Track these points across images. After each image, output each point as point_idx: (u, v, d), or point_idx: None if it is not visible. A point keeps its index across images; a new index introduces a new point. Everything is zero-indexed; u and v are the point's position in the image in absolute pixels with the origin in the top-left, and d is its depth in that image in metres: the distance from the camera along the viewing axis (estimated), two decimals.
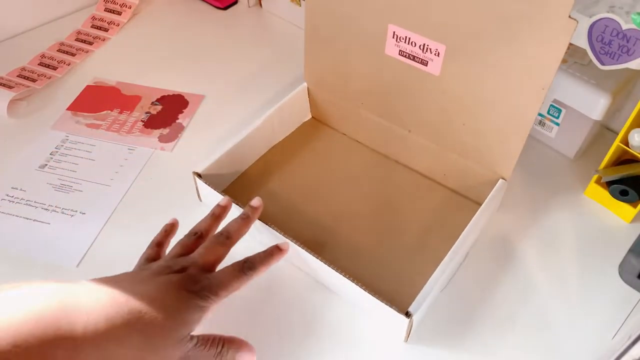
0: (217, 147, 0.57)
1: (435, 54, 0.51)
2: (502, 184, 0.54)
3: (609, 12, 0.49)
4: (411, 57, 0.53)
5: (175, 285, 0.39)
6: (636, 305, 0.50)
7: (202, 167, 0.55)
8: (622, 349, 0.38)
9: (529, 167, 0.62)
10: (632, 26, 0.48)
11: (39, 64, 0.74)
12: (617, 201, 0.57)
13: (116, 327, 0.34)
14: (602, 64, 0.52)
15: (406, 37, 0.52)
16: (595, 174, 0.58)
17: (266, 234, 0.51)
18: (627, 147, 0.55)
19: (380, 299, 0.45)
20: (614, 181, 0.56)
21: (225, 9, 0.87)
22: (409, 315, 0.44)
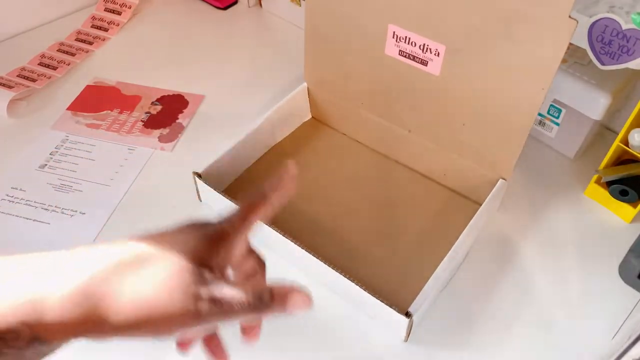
0: (217, 147, 0.57)
1: (435, 54, 0.51)
2: (502, 184, 0.54)
3: (609, 12, 0.49)
4: (411, 57, 0.53)
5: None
6: (636, 305, 0.50)
7: (202, 167, 0.55)
8: (622, 349, 0.38)
9: (529, 167, 0.62)
10: (632, 26, 0.48)
11: (39, 64, 0.74)
12: (617, 201, 0.57)
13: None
14: (602, 64, 0.52)
15: (406, 37, 0.52)
16: (595, 174, 0.58)
17: (266, 234, 0.51)
18: (627, 147, 0.55)
19: (380, 299, 0.45)
20: (614, 181, 0.56)
21: (225, 9, 0.87)
22: (409, 315, 0.44)
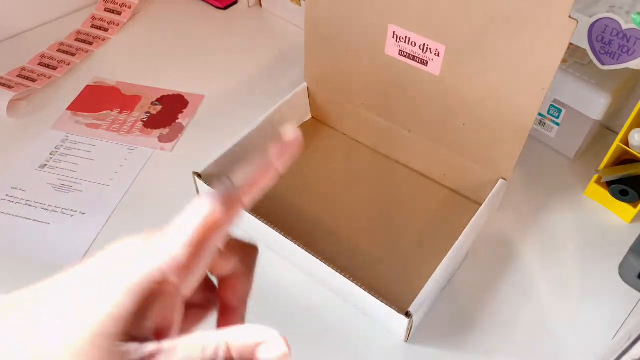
0: (217, 147, 0.57)
1: (435, 54, 0.51)
2: (502, 184, 0.54)
3: (609, 12, 0.49)
4: (411, 57, 0.53)
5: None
6: (636, 305, 0.50)
7: (202, 167, 0.55)
8: (622, 349, 0.38)
9: (529, 167, 0.62)
10: (632, 26, 0.48)
11: (39, 64, 0.74)
12: (617, 201, 0.57)
13: None
14: (602, 63, 0.52)
15: (406, 37, 0.52)
16: (595, 174, 0.58)
17: (266, 234, 0.51)
18: (627, 147, 0.55)
19: (380, 299, 0.45)
20: (614, 181, 0.56)
21: (225, 9, 0.87)
22: (409, 315, 0.44)
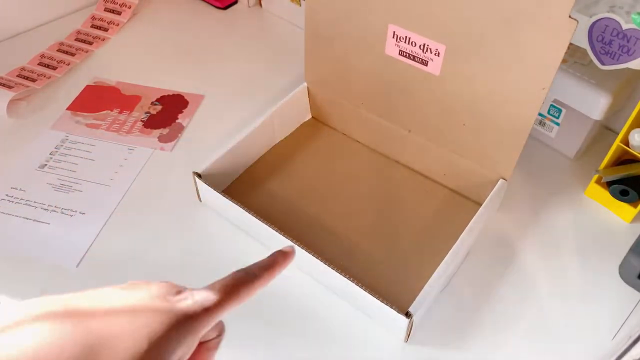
0: (217, 147, 0.57)
1: (435, 54, 0.51)
2: (502, 184, 0.54)
3: (609, 12, 0.49)
4: (411, 57, 0.53)
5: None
6: (636, 305, 0.50)
7: (202, 167, 0.55)
8: (622, 349, 0.38)
9: (529, 167, 0.62)
10: (632, 26, 0.48)
11: (38, 64, 0.74)
12: (617, 201, 0.57)
13: None
14: (602, 63, 0.52)
15: (406, 37, 0.52)
16: (595, 174, 0.58)
17: (266, 234, 0.51)
18: (627, 147, 0.55)
19: (380, 299, 0.45)
20: (614, 181, 0.56)
21: (225, 9, 0.87)
22: (409, 315, 0.44)
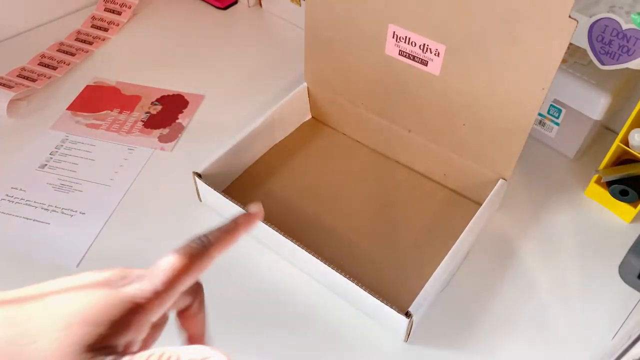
0: (217, 147, 0.57)
1: (435, 54, 0.51)
2: (502, 184, 0.54)
3: (609, 12, 0.49)
4: (411, 57, 0.53)
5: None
6: (636, 305, 0.50)
7: (202, 167, 0.55)
8: (622, 349, 0.38)
9: (529, 167, 0.62)
10: (632, 26, 0.48)
11: (38, 64, 0.74)
12: (617, 201, 0.57)
13: None
14: (602, 63, 0.52)
15: (406, 37, 0.52)
16: (595, 174, 0.58)
17: (266, 234, 0.51)
18: (627, 147, 0.55)
19: (380, 299, 0.45)
20: (614, 181, 0.56)
21: (225, 9, 0.87)
22: (409, 315, 0.44)
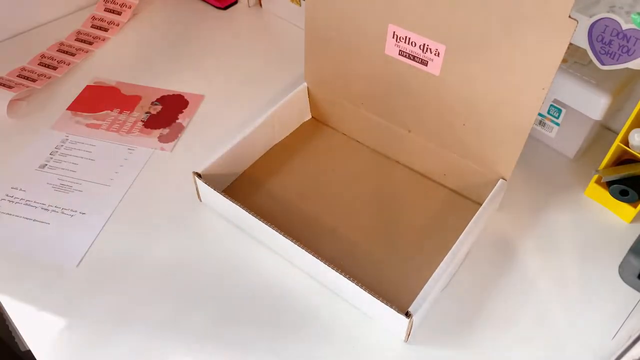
0: (217, 147, 0.57)
1: (435, 54, 0.51)
2: (502, 184, 0.54)
3: (609, 12, 0.49)
4: (411, 57, 0.53)
5: None
6: (636, 305, 0.50)
7: (202, 167, 0.55)
8: (622, 349, 0.38)
9: (529, 167, 0.62)
10: (632, 26, 0.48)
11: (39, 64, 0.74)
12: (617, 201, 0.57)
13: None
14: (602, 64, 0.52)
15: (406, 37, 0.52)
16: (595, 174, 0.58)
17: (266, 234, 0.51)
18: (627, 147, 0.55)
19: (380, 299, 0.45)
20: (614, 181, 0.56)
21: (225, 9, 0.87)
22: (409, 315, 0.44)
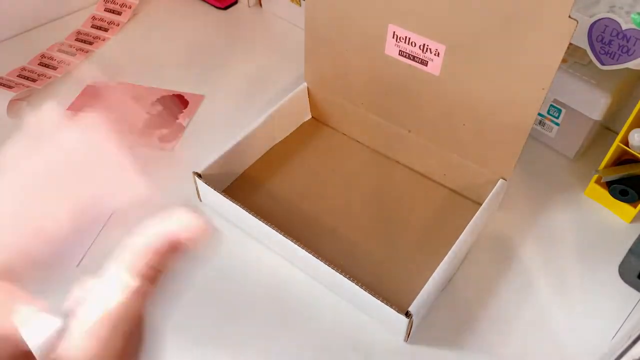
0: (217, 147, 0.57)
1: (435, 54, 0.51)
2: (502, 184, 0.54)
3: (609, 12, 0.49)
4: (411, 57, 0.53)
5: None
6: (636, 305, 0.50)
7: (202, 167, 0.55)
8: (622, 349, 0.38)
9: (529, 167, 0.62)
10: (632, 26, 0.48)
11: (39, 64, 0.74)
12: (617, 201, 0.57)
13: None
14: (602, 64, 0.52)
15: (406, 37, 0.52)
16: (595, 174, 0.58)
17: (266, 234, 0.51)
18: (627, 147, 0.55)
19: (380, 299, 0.45)
20: (614, 181, 0.56)
21: (225, 9, 0.87)
22: (409, 315, 0.44)
